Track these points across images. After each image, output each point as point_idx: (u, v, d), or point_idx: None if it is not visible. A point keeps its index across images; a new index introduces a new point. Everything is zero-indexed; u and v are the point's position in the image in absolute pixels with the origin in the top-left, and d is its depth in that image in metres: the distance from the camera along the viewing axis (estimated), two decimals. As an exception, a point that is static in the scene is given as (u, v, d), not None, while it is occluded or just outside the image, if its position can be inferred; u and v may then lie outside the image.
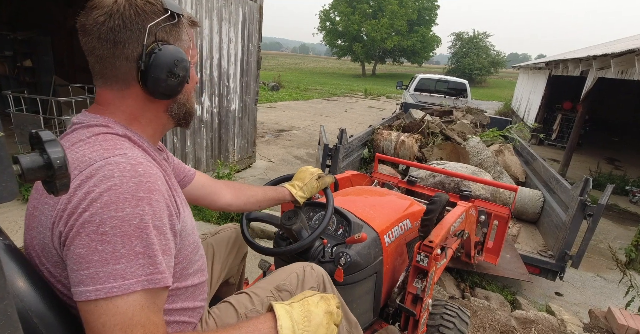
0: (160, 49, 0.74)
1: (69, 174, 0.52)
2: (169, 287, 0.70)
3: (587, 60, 6.63)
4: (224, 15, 4.31)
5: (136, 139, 0.78)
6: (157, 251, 0.67)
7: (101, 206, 0.63)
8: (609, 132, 12.23)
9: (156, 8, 0.75)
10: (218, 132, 4.66)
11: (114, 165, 0.67)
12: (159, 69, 0.74)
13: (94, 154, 0.69)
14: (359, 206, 1.59)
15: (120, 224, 0.63)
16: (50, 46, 6.99)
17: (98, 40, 0.73)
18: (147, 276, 0.65)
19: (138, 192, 0.66)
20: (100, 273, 0.62)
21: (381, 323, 1.59)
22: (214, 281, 1.31)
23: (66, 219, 0.65)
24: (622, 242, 4.32)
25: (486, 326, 2.20)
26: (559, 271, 2.89)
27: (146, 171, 0.69)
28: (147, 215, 0.66)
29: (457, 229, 1.71)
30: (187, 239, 0.83)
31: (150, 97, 0.78)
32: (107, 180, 0.65)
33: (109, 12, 0.72)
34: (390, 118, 6.56)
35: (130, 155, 0.70)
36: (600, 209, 2.61)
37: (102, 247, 0.62)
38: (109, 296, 0.61)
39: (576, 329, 2.30)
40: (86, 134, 0.73)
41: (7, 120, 4.96)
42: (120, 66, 0.74)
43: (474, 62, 37.53)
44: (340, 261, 1.27)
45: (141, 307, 0.63)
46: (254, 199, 1.27)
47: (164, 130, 0.88)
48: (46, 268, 0.72)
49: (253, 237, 1.36)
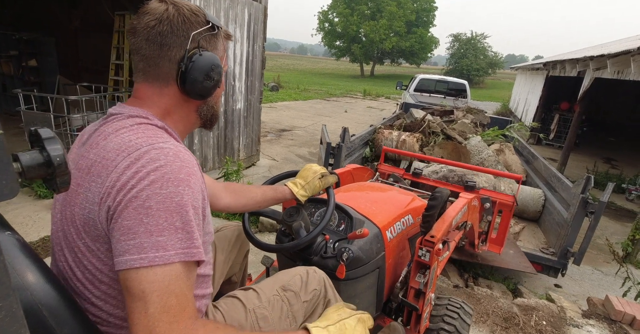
0: (201, 55, 0.84)
1: (69, 172, 0.53)
2: (201, 263, 0.76)
3: (584, 60, 6.76)
4: (231, 16, 4.40)
5: (171, 131, 0.86)
6: (193, 227, 0.73)
7: (148, 183, 0.70)
8: (606, 133, 12.37)
9: (200, 19, 0.85)
10: (224, 130, 4.75)
11: (159, 150, 0.74)
12: (198, 71, 0.83)
13: (140, 140, 0.76)
14: (361, 202, 1.60)
15: (163, 200, 0.70)
16: (54, 46, 7.06)
17: (146, 42, 0.82)
18: (184, 249, 0.71)
19: (180, 174, 0.73)
20: (145, 243, 0.68)
21: (384, 318, 1.60)
22: (217, 278, 1.33)
23: (115, 195, 0.71)
24: (619, 238, 4.43)
25: (489, 313, 2.30)
26: (560, 268, 2.92)
27: (186, 157, 0.77)
28: (186, 195, 0.73)
29: (459, 221, 1.72)
30: (207, 227, 0.88)
31: (185, 96, 0.87)
32: (154, 162, 0.72)
33: (160, 18, 0.81)
34: (391, 118, 6.63)
35: (172, 143, 0.79)
36: (601, 206, 2.63)
37: (147, 220, 0.69)
38: (151, 265, 0.67)
39: (575, 316, 2.40)
40: (129, 122, 0.80)
41: (16, 119, 5.03)
42: (163, 66, 0.83)
43: (471, 63, 37.74)
44: (343, 256, 1.28)
45: (177, 278, 0.69)
46: (253, 200, 1.29)
47: (192, 128, 0.96)
48: (84, 241, 0.77)
49: (262, 231, 1.38)
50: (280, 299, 1.08)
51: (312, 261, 1.35)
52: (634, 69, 4.79)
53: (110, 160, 0.75)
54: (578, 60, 7.15)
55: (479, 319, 2.28)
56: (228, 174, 3.95)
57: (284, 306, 1.07)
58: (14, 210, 3.32)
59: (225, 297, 1.08)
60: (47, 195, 3.63)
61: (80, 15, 6.90)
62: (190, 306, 0.71)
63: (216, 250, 1.34)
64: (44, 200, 3.59)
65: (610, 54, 5.30)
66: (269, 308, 1.04)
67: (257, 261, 2.64)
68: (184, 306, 0.69)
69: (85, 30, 7.17)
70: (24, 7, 7.14)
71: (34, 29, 6.82)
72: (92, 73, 7.18)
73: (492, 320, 2.29)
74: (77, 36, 7.34)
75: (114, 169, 0.73)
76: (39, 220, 3.22)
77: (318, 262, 1.34)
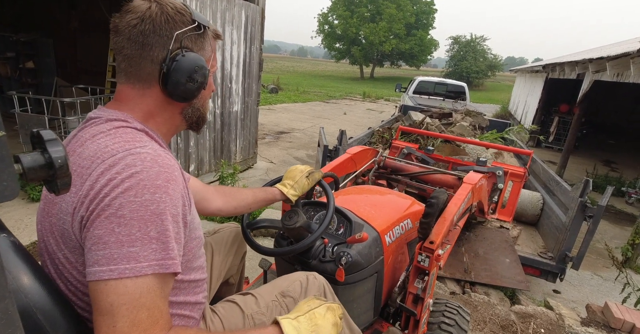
0: (183, 55, 0.80)
1: (69, 174, 0.53)
2: (178, 274, 0.73)
3: (583, 63, 6.74)
4: (227, 17, 4.37)
5: (152, 134, 0.83)
6: (170, 237, 0.70)
7: (122, 191, 0.67)
8: (605, 135, 12.35)
9: (185, 18, 0.81)
10: (220, 133, 4.72)
11: (135, 155, 0.71)
12: (180, 73, 0.80)
13: (116, 145, 0.73)
14: (360, 206, 1.59)
15: (138, 209, 0.67)
16: (52, 48, 7.04)
17: (128, 41, 0.79)
18: (158, 260, 0.68)
19: (157, 180, 0.70)
20: (115, 254, 0.65)
21: (382, 322, 1.59)
22: (214, 280, 1.32)
23: (88, 204, 0.68)
24: (619, 242, 4.39)
25: (487, 320, 2.26)
26: (559, 272, 2.88)
27: (165, 162, 0.74)
28: (163, 202, 0.70)
29: (464, 209, 1.70)
30: (194, 232, 0.85)
31: (168, 98, 0.84)
32: (129, 168, 0.69)
33: (142, 17, 0.78)
34: (390, 120, 6.61)
35: (150, 147, 0.75)
36: (600, 210, 2.60)
37: (119, 230, 0.66)
38: (120, 277, 0.64)
39: (574, 323, 2.35)
40: (106, 127, 0.78)
41: (11, 120, 5.00)
42: (145, 67, 0.80)
43: (471, 65, 37.79)
44: (341, 260, 1.27)
45: (148, 290, 0.66)
46: (244, 202, 1.28)
47: (177, 131, 0.93)
48: (64, 253, 0.75)
49: (257, 236, 1.36)
50: (278, 305, 1.06)
51: (310, 265, 1.34)
52: (633, 71, 4.76)
53: (85, 168, 0.72)
54: (577, 62, 7.13)
55: (475, 327, 2.23)
56: (223, 177, 3.91)
57: (282, 312, 1.06)
58: (6, 213, 3.29)
59: (224, 301, 1.07)
60: (39, 198, 3.59)
61: (79, 16, 6.88)
62: (164, 318, 0.68)
63: (213, 252, 1.32)
64: (37, 203, 3.55)
65: (609, 57, 5.28)
66: (267, 313, 1.03)
67: (253, 266, 2.60)
68: (156, 319, 0.66)
69: (84, 31, 7.15)
70: (23, 8, 7.13)
71: (32, 31, 6.80)
72: (91, 74, 7.14)
73: (489, 328, 2.25)
74: (76, 37, 7.31)
75: (88, 177, 0.70)
76: (30, 224, 3.18)
77: (317, 266, 1.32)
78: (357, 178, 2.42)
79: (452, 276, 2.62)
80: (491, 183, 2.29)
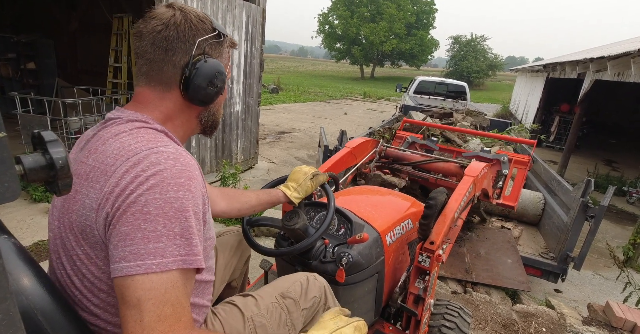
0: (205, 61, 0.83)
1: (71, 175, 0.53)
2: (200, 270, 0.74)
3: (584, 62, 6.74)
4: (228, 18, 4.38)
5: (171, 135, 0.85)
6: (193, 234, 0.72)
7: (147, 188, 0.69)
8: (606, 134, 12.34)
9: (207, 26, 0.85)
10: (222, 133, 4.72)
11: (159, 154, 0.73)
12: (202, 78, 0.83)
13: (140, 144, 0.75)
14: (361, 206, 1.59)
15: (163, 206, 0.69)
16: (53, 49, 7.05)
17: (151, 46, 0.81)
18: (182, 256, 0.69)
19: (180, 178, 0.72)
20: (142, 249, 0.66)
21: (383, 323, 1.58)
22: (218, 283, 1.31)
23: (113, 201, 0.69)
24: (620, 242, 4.39)
25: (488, 320, 2.26)
26: (560, 273, 2.87)
27: (187, 161, 0.76)
28: (186, 200, 0.71)
29: (466, 201, 1.69)
30: (209, 232, 0.86)
31: (187, 102, 0.86)
32: (154, 166, 0.71)
33: (166, 23, 0.81)
34: (390, 120, 6.61)
35: (172, 147, 0.77)
36: (602, 210, 2.59)
37: (145, 226, 0.67)
38: (147, 272, 0.66)
39: (575, 322, 2.36)
40: (128, 127, 0.79)
41: (13, 121, 5.01)
42: (167, 71, 0.83)
43: (472, 65, 37.76)
44: (342, 261, 1.27)
45: (173, 286, 0.67)
46: (248, 204, 1.28)
47: (191, 134, 0.96)
48: (83, 249, 0.75)
49: (259, 236, 1.36)
50: (279, 307, 1.07)
51: (311, 266, 1.34)
52: (634, 70, 4.76)
53: (109, 165, 0.73)
54: (578, 62, 7.13)
55: (477, 326, 2.24)
56: (225, 177, 3.92)
57: (282, 313, 1.06)
58: (8, 214, 3.30)
59: (224, 303, 1.07)
60: (42, 199, 3.60)
61: (79, 17, 6.89)
62: (186, 316, 0.69)
63: (217, 255, 1.32)
64: (39, 204, 3.56)
65: (610, 56, 5.28)
66: (267, 315, 1.03)
67: (255, 265, 2.61)
68: (179, 316, 0.68)
69: (84, 32, 7.16)
70: (23, 9, 7.14)
71: (33, 32, 6.81)
72: (92, 75, 7.16)
73: (490, 327, 2.25)
74: (76, 38, 7.33)
75: (112, 174, 0.72)
76: (33, 224, 3.19)
77: (317, 266, 1.32)
78: (358, 170, 2.41)
79: (453, 277, 2.62)
80: (495, 170, 2.30)
